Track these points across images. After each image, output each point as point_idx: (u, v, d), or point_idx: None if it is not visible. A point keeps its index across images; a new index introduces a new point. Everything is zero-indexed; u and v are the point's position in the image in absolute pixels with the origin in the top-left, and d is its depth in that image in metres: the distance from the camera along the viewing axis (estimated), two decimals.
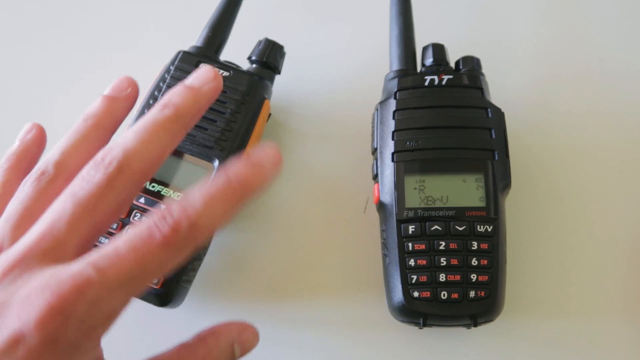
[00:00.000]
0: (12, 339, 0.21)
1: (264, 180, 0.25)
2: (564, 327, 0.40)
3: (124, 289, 0.23)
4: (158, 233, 0.23)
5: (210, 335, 0.28)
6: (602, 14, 0.50)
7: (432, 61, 0.41)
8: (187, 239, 0.23)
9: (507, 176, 0.38)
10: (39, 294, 0.22)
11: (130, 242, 0.23)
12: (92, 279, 0.22)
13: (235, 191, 0.25)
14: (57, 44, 0.51)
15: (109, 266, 0.22)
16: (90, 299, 0.22)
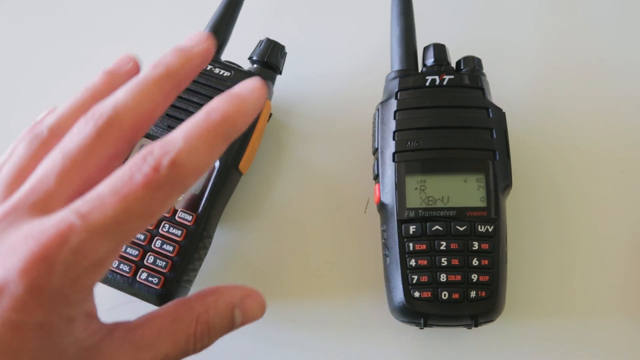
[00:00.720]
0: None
1: (245, 110, 0.24)
2: (564, 327, 0.40)
3: (109, 234, 0.22)
4: (138, 174, 0.22)
5: (211, 294, 0.27)
6: (603, 15, 0.50)
7: (433, 61, 0.41)
8: (169, 177, 0.22)
9: (508, 176, 0.38)
10: (22, 243, 0.21)
11: (111, 185, 0.22)
12: (74, 225, 0.21)
13: (216, 125, 0.23)
14: (56, 44, 0.51)
15: (91, 211, 0.22)
16: (74, 245, 0.21)
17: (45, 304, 0.21)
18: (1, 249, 0.22)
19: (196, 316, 0.26)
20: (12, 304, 0.21)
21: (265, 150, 0.45)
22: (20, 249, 0.21)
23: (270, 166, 0.45)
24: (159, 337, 0.25)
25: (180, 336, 0.25)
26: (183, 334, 0.25)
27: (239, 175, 0.42)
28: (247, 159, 0.41)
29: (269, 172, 0.45)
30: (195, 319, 0.26)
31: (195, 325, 0.26)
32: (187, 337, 0.26)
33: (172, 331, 0.25)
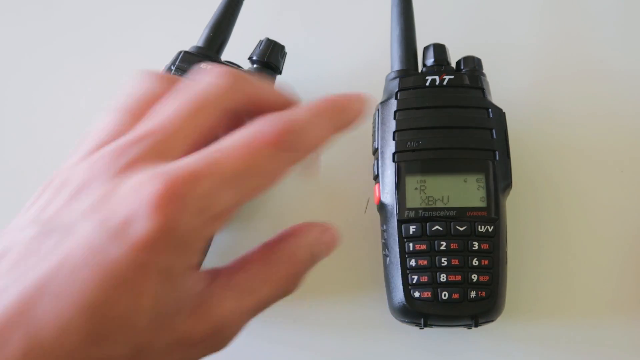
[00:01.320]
0: (121, 224, 0.20)
1: (357, 108, 0.27)
2: (564, 327, 0.40)
3: (236, 185, 0.22)
4: (266, 133, 0.23)
5: (292, 236, 0.27)
6: (603, 14, 0.50)
7: (433, 61, 0.41)
8: (293, 142, 0.23)
9: (508, 176, 0.38)
10: (151, 180, 0.21)
11: (240, 139, 0.23)
12: (203, 171, 0.21)
13: (334, 110, 0.25)
14: (57, 44, 0.51)
15: (222, 159, 0.22)
16: (205, 188, 0.21)
17: (172, 247, 0.21)
18: (124, 187, 0.21)
19: (286, 258, 0.26)
20: (140, 242, 0.20)
21: None
22: (149, 186, 0.21)
23: None
24: (257, 281, 0.25)
25: (276, 279, 0.25)
26: (279, 276, 0.26)
27: None
28: None
29: None
30: (287, 260, 0.26)
31: (288, 266, 0.26)
32: (283, 279, 0.26)
33: (268, 275, 0.25)
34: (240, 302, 0.24)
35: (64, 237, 0.21)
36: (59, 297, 0.20)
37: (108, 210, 0.21)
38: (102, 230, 0.20)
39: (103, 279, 0.20)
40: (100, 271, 0.20)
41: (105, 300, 0.20)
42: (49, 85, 0.49)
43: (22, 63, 0.51)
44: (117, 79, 0.48)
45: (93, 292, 0.20)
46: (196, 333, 0.23)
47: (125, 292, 0.20)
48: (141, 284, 0.21)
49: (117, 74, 0.49)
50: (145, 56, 0.49)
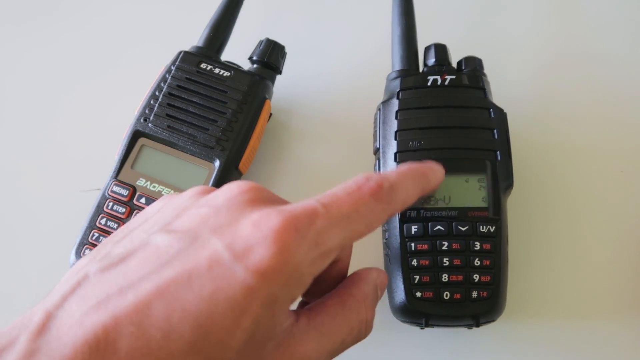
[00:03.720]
0: (244, 248, 0.22)
1: (437, 178, 0.30)
2: (565, 327, 0.40)
3: (342, 227, 0.24)
4: (366, 186, 0.26)
5: (360, 280, 0.29)
6: (604, 14, 0.50)
7: (435, 61, 0.41)
8: (388, 196, 0.26)
9: (510, 176, 0.38)
10: (275, 213, 0.23)
11: (344, 189, 0.26)
12: (319, 211, 0.24)
13: (418, 175, 0.29)
14: (57, 43, 0.51)
15: (331, 204, 0.24)
16: (319, 227, 0.23)
17: (283, 276, 0.22)
18: (249, 217, 0.24)
19: (360, 303, 0.28)
20: (257, 267, 0.22)
21: (265, 150, 0.45)
22: (272, 220, 0.23)
23: (270, 166, 0.45)
24: (335, 324, 0.27)
25: (353, 322, 0.27)
26: (355, 320, 0.27)
27: (239, 175, 0.42)
28: (247, 159, 0.41)
29: (269, 172, 0.45)
30: (361, 305, 0.28)
31: (364, 311, 0.28)
32: (359, 323, 0.27)
33: (345, 318, 0.27)
34: (321, 343, 0.26)
35: (191, 247, 0.23)
36: (173, 301, 0.21)
37: (235, 233, 0.23)
38: (227, 249, 0.22)
39: (216, 293, 0.21)
40: (217, 285, 0.22)
41: (212, 313, 0.21)
42: (49, 85, 0.49)
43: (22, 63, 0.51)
44: (116, 79, 0.49)
45: (203, 304, 0.21)
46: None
47: (232, 310, 0.22)
48: (247, 306, 0.22)
49: (117, 74, 0.49)
50: (145, 56, 0.49)
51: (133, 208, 0.39)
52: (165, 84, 0.41)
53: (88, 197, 0.42)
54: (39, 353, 0.20)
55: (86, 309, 0.21)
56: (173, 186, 0.39)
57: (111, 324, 0.21)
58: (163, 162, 0.40)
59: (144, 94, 0.41)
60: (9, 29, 0.52)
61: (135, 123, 0.40)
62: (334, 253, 0.25)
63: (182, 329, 0.21)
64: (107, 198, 0.39)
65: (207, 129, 0.40)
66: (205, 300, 0.21)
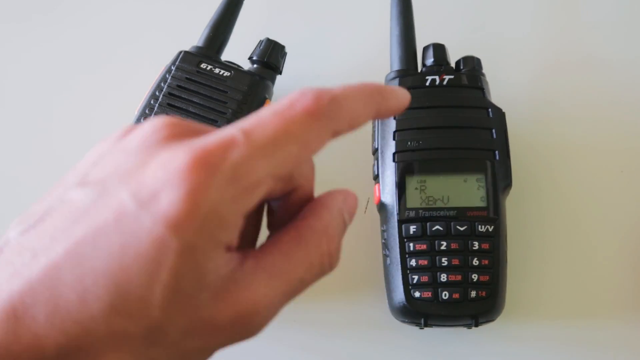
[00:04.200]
0: (149, 195, 0.20)
1: (396, 96, 0.27)
2: (564, 327, 0.40)
3: (269, 153, 0.21)
4: (300, 102, 0.23)
5: (321, 207, 0.26)
6: (603, 14, 0.50)
7: (433, 61, 0.41)
8: (328, 110, 0.23)
9: (508, 176, 0.38)
10: (185, 150, 0.21)
11: (272, 109, 0.22)
12: (237, 139, 0.21)
13: (371, 90, 0.25)
14: (56, 43, 0.51)
15: (253, 129, 0.21)
16: (236, 158, 0.20)
17: (198, 222, 0.20)
18: (157, 159, 0.21)
19: (320, 233, 0.25)
20: (165, 214, 0.20)
21: None
22: (178, 157, 0.20)
23: None
24: (290, 262, 0.24)
25: (312, 257, 0.24)
26: (314, 254, 0.24)
27: None
28: None
29: None
30: (321, 236, 0.25)
31: (323, 242, 0.25)
32: (320, 257, 0.24)
33: (302, 254, 0.24)
34: (272, 286, 0.23)
35: (100, 200, 0.21)
36: (85, 260, 0.20)
37: (140, 181, 0.21)
38: (133, 200, 0.20)
39: (125, 248, 0.20)
40: (125, 240, 0.20)
41: (124, 271, 0.20)
42: (49, 85, 0.49)
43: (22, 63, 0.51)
44: (116, 79, 0.49)
45: (114, 262, 0.20)
46: (221, 317, 0.22)
47: (145, 265, 0.20)
48: (161, 258, 0.20)
49: (117, 74, 0.49)
50: (145, 56, 0.49)
51: None
52: (165, 84, 0.41)
53: None
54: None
55: (6, 276, 0.20)
56: None
57: (26, 291, 0.20)
58: None
59: (144, 94, 0.41)
60: (8, 27, 0.52)
61: (135, 123, 0.40)
62: (265, 185, 0.22)
63: (97, 291, 0.20)
64: None
65: None
66: (115, 257, 0.20)
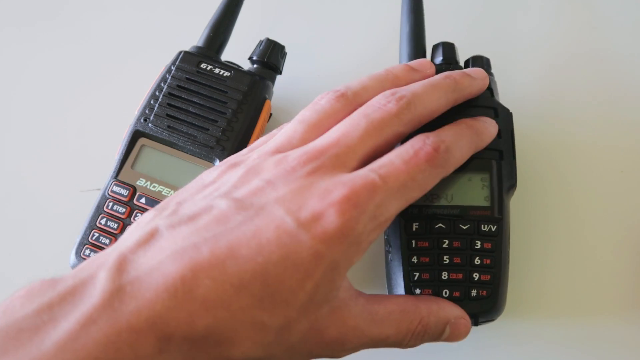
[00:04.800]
0: (310, 217, 0.25)
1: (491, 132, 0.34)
2: (565, 327, 0.39)
3: (399, 196, 0.27)
4: (422, 151, 0.27)
5: (435, 302, 0.31)
6: (611, 15, 0.49)
7: (442, 60, 0.41)
8: (443, 159, 0.28)
9: (513, 177, 0.38)
10: (337, 186, 0.25)
11: (401, 156, 0.27)
12: (378, 183, 0.26)
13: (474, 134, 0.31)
14: (57, 43, 0.51)
15: (389, 174, 0.26)
16: (378, 199, 0.26)
17: (345, 245, 0.25)
18: (316, 186, 0.26)
19: (420, 316, 0.29)
20: (323, 234, 0.24)
21: None
22: (337, 191, 0.25)
23: None
24: (388, 320, 0.28)
25: (403, 327, 0.29)
26: (406, 326, 0.29)
27: None
28: None
29: None
30: (419, 318, 0.29)
31: (418, 323, 0.29)
32: (407, 331, 0.29)
33: (399, 320, 0.29)
34: (368, 327, 0.28)
35: (257, 215, 0.25)
36: (245, 261, 0.23)
37: (299, 204, 0.25)
38: (292, 218, 0.25)
39: (284, 257, 0.24)
40: (284, 250, 0.24)
41: (280, 274, 0.24)
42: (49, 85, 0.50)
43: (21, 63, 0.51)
44: (116, 79, 0.49)
45: (272, 265, 0.24)
46: (327, 333, 0.26)
47: (298, 272, 0.24)
48: (312, 270, 0.24)
49: (116, 74, 0.49)
50: (145, 56, 0.49)
51: (133, 208, 0.39)
52: (165, 84, 0.41)
53: (88, 197, 0.42)
54: (122, 293, 0.22)
55: (162, 258, 0.23)
56: (173, 186, 0.39)
57: (189, 275, 0.23)
58: (163, 162, 0.40)
59: (144, 94, 0.41)
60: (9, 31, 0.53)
61: (135, 123, 0.40)
62: (390, 220, 0.27)
63: (252, 287, 0.23)
64: (107, 198, 0.39)
65: (207, 129, 0.40)
66: (274, 263, 0.23)
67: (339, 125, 0.29)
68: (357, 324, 0.27)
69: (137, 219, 0.38)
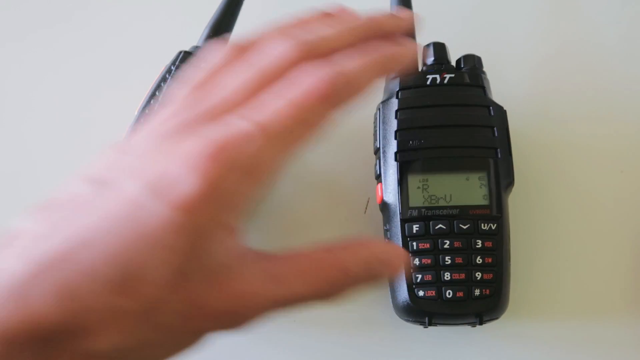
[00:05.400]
0: (165, 184, 0.21)
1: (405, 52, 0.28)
2: (569, 325, 0.40)
3: (285, 142, 0.23)
4: (314, 88, 0.23)
5: (355, 243, 0.26)
6: (604, 11, 0.49)
7: (433, 60, 0.41)
8: (343, 93, 0.24)
9: (510, 174, 0.38)
10: (199, 143, 0.22)
11: (285, 97, 0.23)
12: (252, 133, 0.22)
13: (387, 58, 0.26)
14: (56, 43, 0.51)
15: (269, 121, 0.22)
16: (251, 151, 0.22)
17: (213, 209, 0.21)
18: (176, 151, 0.22)
19: (338, 264, 0.25)
20: (180, 201, 0.21)
21: None
22: (196, 148, 0.22)
23: None
24: (296, 276, 0.24)
25: (319, 280, 0.25)
26: (323, 279, 0.25)
27: None
28: None
29: None
30: (337, 266, 0.25)
31: (337, 273, 0.25)
32: (327, 284, 0.25)
33: (311, 273, 0.24)
34: (267, 288, 0.24)
35: (110, 192, 0.22)
36: (96, 248, 0.21)
37: (155, 172, 0.22)
38: (146, 189, 0.21)
39: (140, 235, 0.21)
40: (137, 227, 0.21)
41: (138, 253, 0.21)
42: (49, 85, 0.49)
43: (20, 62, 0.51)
44: (116, 79, 0.49)
45: (128, 245, 0.21)
46: (213, 304, 0.23)
47: (157, 248, 0.21)
48: (173, 242, 0.21)
49: (116, 74, 0.49)
50: (145, 56, 0.49)
51: None
52: (165, 84, 0.41)
53: None
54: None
55: (14, 257, 0.21)
56: None
57: (34, 270, 0.21)
58: None
59: (144, 94, 0.41)
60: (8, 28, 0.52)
61: (135, 123, 0.40)
62: (278, 173, 0.23)
63: (108, 273, 0.21)
64: None
65: None
66: (130, 243, 0.21)
67: (227, 79, 0.26)
68: (252, 289, 0.23)
69: None
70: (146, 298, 0.21)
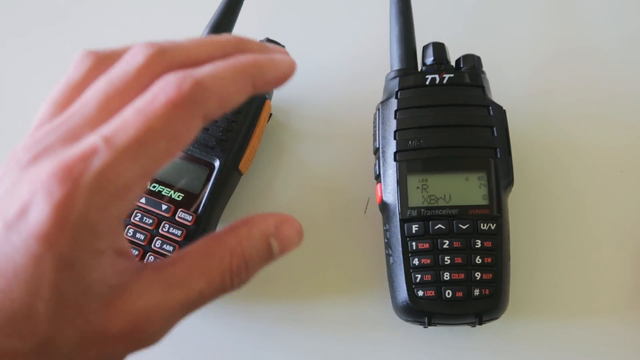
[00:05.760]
0: (17, 214, 0.20)
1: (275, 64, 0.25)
2: (568, 325, 0.40)
3: (134, 155, 0.21)
4: (162, 93, 0.21)
5: (243, 225, 0.25)
6: (604, 11, 0.50)
7: (433, 60, 0.41)
8: (192, 96, 0.22)
9: (510, 174, 0.38)
10: (47, 165, 0.20)
11: (135, 106, 0.21)
12: (97, 147, 0.20)
13: (243, 64, 0.24)
14: (56, 42, 0.51)
15: (115, 133, 0.21)
16: (97, 167, 0.20)
17: (69, 233, 0.20)
18: (27, 176, 0.21)
19: (230, 250, 0.24)
20: (34, 230, 0.20)
21: (265, 150, 0.45)
22: (44, 171, 0.20)
23: (270, 166, 0.45)
24: (191, 274, 0.24)
25: (214, 272, 0.24)
26: (217, 269, 0.24)
27: (239, 175, 0.42)
28: (247, 159, 0.41)
29: (269, 172, 0.45)
30: (229, 252, 0.24)
31: (230, 259, 0.24)
32: (222, 273, 0.24)
33: (205, 267, 0.24)
34: (169, 296, 0.23)
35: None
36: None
37: (7, 203, 0.21)
38: (1, 223, 0.20)
39: (3, 271, 0.20)
40: (9, 265, 0.20)
41: (8, 291, 0.20)
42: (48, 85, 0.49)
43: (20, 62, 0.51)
44: None
45: (5, 286, 0.20)
46: (113, 327, 0.22)
47: (24, 283, 0.20)
48: (39, 274, 0.20)
49: None
50: None
51: (134, 208, 0.39)
52: None
53: None
54: None
55: None
56: (173, 186, 0.39)
57: None
58: None
59: None
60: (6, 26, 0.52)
61: None
62: (137, 186, 0.21)
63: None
64: None
65: (208, 129, 0.40)
66: (7, 282, 0.20)
67: (82, 94, 0.24)
68: (152, 301, 0.22)
69: (136, 219, 0.38)
70: (37, 336, 0.21)
